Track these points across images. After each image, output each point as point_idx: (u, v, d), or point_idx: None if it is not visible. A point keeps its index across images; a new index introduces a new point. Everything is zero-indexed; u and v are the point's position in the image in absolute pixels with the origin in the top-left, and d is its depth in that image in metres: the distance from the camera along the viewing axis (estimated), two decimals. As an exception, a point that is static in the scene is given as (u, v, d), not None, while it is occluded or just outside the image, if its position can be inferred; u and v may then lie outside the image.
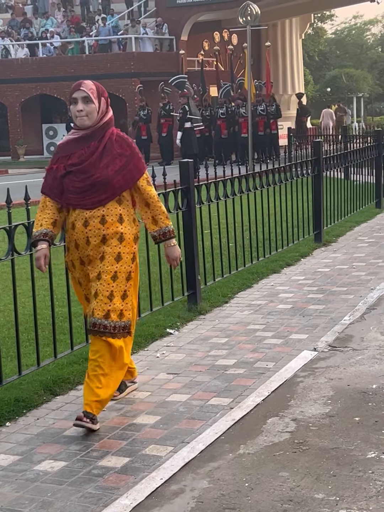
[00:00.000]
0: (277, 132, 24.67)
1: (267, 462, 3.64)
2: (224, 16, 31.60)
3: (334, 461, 3.61)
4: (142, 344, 5.79)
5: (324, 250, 9.30)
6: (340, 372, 4.81)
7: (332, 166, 10.37)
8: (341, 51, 62.03)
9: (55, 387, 4.89)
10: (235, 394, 4.68)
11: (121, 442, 4.09)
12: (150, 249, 6.21)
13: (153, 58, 29.98)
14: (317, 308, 6.59)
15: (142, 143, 25.41)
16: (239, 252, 7.99)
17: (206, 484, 3.47)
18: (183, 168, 6.56)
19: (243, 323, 6.27)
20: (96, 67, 29.47)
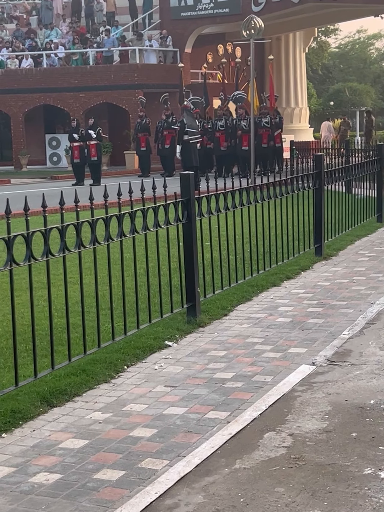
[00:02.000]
0: (281, 145, 24.70)
1: (263, 477, 3.62)
2: (228, 29, 31.73)
3: (330, 477, 3.58)
4: (140, 356, 5.77)
5: (325, 264, 9.29)
6: (338, 387, 4.79)
7: (334, 179, 10.37)
8: (344, 65, 62.19)
9: (52, 398, 4.87)
10: (233, 407, 4.66)
11: (117, 455, 4.07)
12: (150, 260, 6.20)
13: (157, 70, 30.08)
14: (317, 322, 6.58)
15: (142, 154, 25.47)
16: (239, 265, 7.98)
17: (201, 499, 3.45)
18: (183, 180, 6.56)
19: (242, 336, 6.26)
20: (99, 78, 29.59)
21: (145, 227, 6.02)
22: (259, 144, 23.42)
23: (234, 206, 7.35)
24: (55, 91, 30.03)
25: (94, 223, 5.40)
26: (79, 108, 29.97)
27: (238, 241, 7.51)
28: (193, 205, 6.55)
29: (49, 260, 5.03)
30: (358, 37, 65.92)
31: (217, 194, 7.07)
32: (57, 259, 5.34)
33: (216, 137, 24.45)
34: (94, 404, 4.85)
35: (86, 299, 5.60)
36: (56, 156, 31.19)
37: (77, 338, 5.78)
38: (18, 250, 4.77)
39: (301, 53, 38.66)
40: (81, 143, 22.86)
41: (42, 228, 4.91)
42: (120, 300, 6.19)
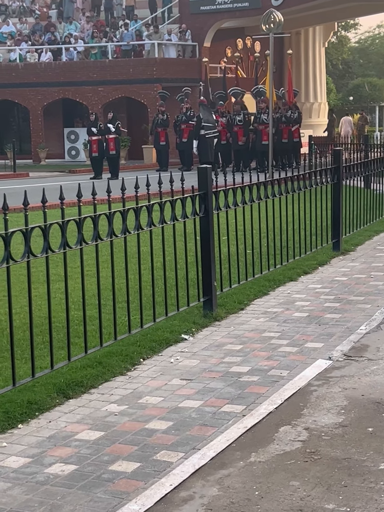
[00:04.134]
0: (299, 140, 24.61)
1: (278, 471, 3.61)
2: (247, 23, 31.62)
3: (345, 471, 3.57)
4: (156, 349, 5.78)
5: (342, 259, 9.25)
6: (355, 382, 4.78)
7: (352, 175, 10.32)
8: (364, 60, 61.81)
9: (68, 390, 4.89)
10: (248, 401, 4.65)
11: (132, 447, 4.08)
12: (166, 254, 6.20)
13: (176, 64, 30.05)
14: (334, 317, 6.55)
15: (160, 149, 25.47)
16: (256, 259, 7.96)
17: (216, 491, 3.45)
18: (201, 173, 6.55)
19: (258, 331, 6.25)
20: (118, 72, 29.61)
21: (162, 221, 6.02)
22: (279, 139, 23.35)
23: (251, 200, 7.33)
24: (74, 85, 30.09)
25: (111, 216, 5.41)
26: (97, 102, 30.01)
27: (255, 236, 7.49)
28: (210, 199, 6.54)
29: (66, 253, 5.04)
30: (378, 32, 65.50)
31: (234, 188, 7.06)
32: (74, 252, 5.35)
33: (234, 131, 24.41)
34: (110, 396, 4.87)
35: (103, 292, 5.62)
36: (75, 150, 31.26)
37: (93, 331, 5.79)
38: (36, 243, 4.78)
39: (321, 47, 38.49)
40: (99, 137, 22.89)
41: (59, 220, 4.92)
42: (136, 293, 6.19)
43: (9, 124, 33.27)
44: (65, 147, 31.53)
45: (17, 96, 31.06)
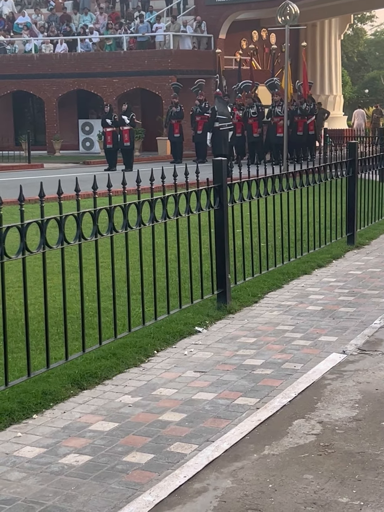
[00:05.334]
0: (314, 133, 24.52)
1: (291, 464, 3.62)
2: (263, 15, 31.49)
3: (359, 465, 3.57)
4: (170, 341, 5.79)
5: (357, 253, 9.23)
6: (369, 376, 4.77)
7: (367, 168, 10.28)
8: (380, 53, 61.44)
9: (82, 381, 4.91)
10: (262, 394, 4.66)
11: (146, 439, 4.10)
12: (181, 246, 6.21)
13: (191, 56, 29.97)
14: (348, 311, 6.54)
15: (175, 140, 25.44)
16: (270, 252, 7.95)
17: (230, 483, 3.46)
18: (216, 166, 6.54)
19: (272, 324, 6.25)
20: (133, 64, 29.58)
21: (177, 213, 6.03)
22: (294, 132, 23.27)
23: (266, 193, 7.32)
24: (89, 76, 30.10)
25: (126, 208, 5.42)
26: (112, 93, 30.01)
27: (270, 229, 7.48)
28: (225, 191, 6.53)
29: (81, 244, 5.05)
30: (394, 24, 65.05)
31: (249, 180, 7.05)
32: (89, 244, 5.36)
33: (248, 124, 24.35)
34: (124, 388, 4.88)
35: (117, 284, 5.63)
36: (89, 141, 31.28)
37: (107, 322, 5.81)
38: (51, 234, 4.80)
39: (337, 40, 38.29)
40: (114, 129, 22.89)
41: (75, 212, 4.94)
42: (151, 285, 6.21)
43: (24, 115, 33.32)
44: (80, 139, 31.56)
45: (32, 87, 31.11)
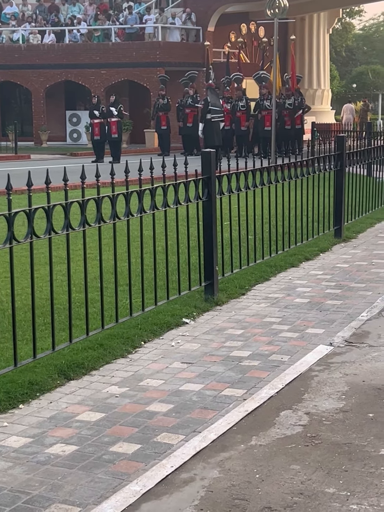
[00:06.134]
0: (302, 127, 24.54)
1: (278, 455, 3.62)
2: (252, 8, 31.46)
3: (346, 456, 3.59)
4: (158, 332, 5.79)
5: (344, 246, 9.25)
6: (356, 368, 4.78)
7: (355, 162, 10.29)
8: (368, 48, 61.56)
9: (69, 371, 4.90)
10: (249, 385, 4.66)
11: (133, 429, 4.10)
12: (169, 238, 6.19)
13: (179, 48, 29.91)
14: (335, 304, 6.56)
15: (162, 133, 25.39)
16: (258, 245, 7.96)
17: (217, 474, 3.46)
18: (205, 157, 6.53)
19: (259, 316, 6.25)
20: (121, 55, 29.48)
21: (165, 204, 6.01)
22: (282, 125, 23.28)
23: (254, 185, 7.32)
24: (77, 67, 29.99)
25: (114, 199, 5.40)
26: (100, 85, 29.91)
27: (258, 221, 7.49)
28: (213, 183, 6.52)
29: (69, 234, 5.03)
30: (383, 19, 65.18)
31: (237, 172, 7.04)
32: (76, 235, 5.35)
33: (237, 117, 24.34)
34: (111, 378, 4.88)
35: (105, 275, 5.61)
36: (76, 132, 31.18)
37: (95, 313, 5.80)
38: (38, 225, 4.77)
39: (325, 34, 38.31)
40: (101, 120, 22.83)
41: (63, 202, 4.91)
42: (138, 276, 6.20)
43: (11, 106, 33.15)
44: (67, 130, 31.45)
45: (19, 78, 30.95)
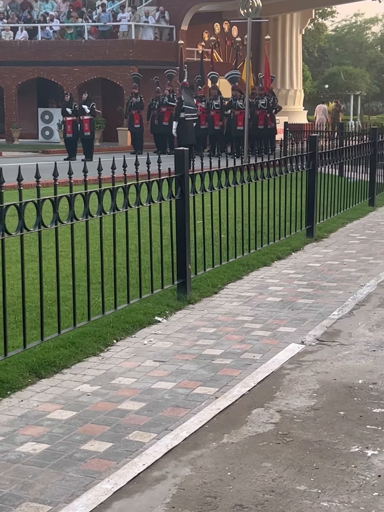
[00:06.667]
0: (274, 126, 24.63)
1: (250, 452, 3.63)
2: (225, 7, 31.51)
3: (317, 454, 3.61)
4: (130, 330, 5.78)
5: (316, 245, 9.30)
6: (327, 366, 4.81)
7: (327, 162, 10.35)
8: (340, 49, 62.00)
9: (40, 369, 4.87)
10: (221, 384, 4.67)
11: (105, 427, 4.09)
12: (141, 236, 6.18)
13: (152, 47, 29.86)
14: (306, 302, 6.59)
15: (135, 131, 25.35)
16: (230, 244, 7.96)
17: (189, 471, 3.46)
18: (178, 156, 6.53)
19: (231, 314, 6.27)
20: (94, 53, 29.37)
21: (138, 202, 6.00)
22: (255, 125, 23.34)
23: (227, 184, 7.33)
24: (49, 64, 29.81)
25: (87, 196, 5.38)
26: (72, 82, 29.76)
27: (230, 220, 7.49)
28: (187, 182, 6.52)
29: (41, 232, 5.00)
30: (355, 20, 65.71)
31: (210, 171, 7.05)
32: (48, 233, 5.31)
33: (210, 116, 24.36)
34: (82, 377, 4.86)
35: (77, 273, 5.58)
36: (49, 130, 31.00)
37: (66, 311, 5.77)
38: (9, 223, 4.74)
39: (298, 34, 38.50)
40: (74, 118, 22.72)
41: (35, 199, 4.88)
42: (110, 275, 6.17)
43: (-18, 103, 32.88)
44: (39, 127, 31.26)
45: (-9, 75, 30.70)
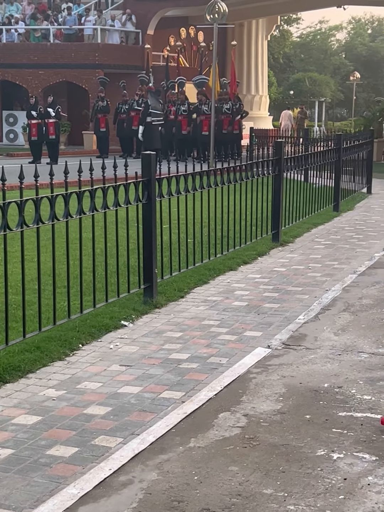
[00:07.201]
0: (239, 131, 24.71)
1: (217, 456, 3.63)
2: (191, 12, 31.58)
3: (283, 457, 3.62)
4: (96, 335, 5.75)
5: (281, 250, 9.35)
6: (293, 370, 4.84)
7: (292, 167, 10.42)
8: (305, 55, 62.50)
9: (5, 374, 4.82)
10: (188, 388, 4.67)
11: (70, 432, 4.06)
12: (108, 240, 6.16)
13: (118, 51, 29.82)
14: (272, 307, 6.62)
15: (101, 135, 25.27)
16: (197, 248, 7.97)
17: (155, 476, 3.45)
18: (145, 160, 6.52)
19: (198, 318, 6.27)
20: (60, 56, 29.22)
21: (105, 206, 5.98)
22: (220, 130, 23.39)
23: (194, 188, 7.34)
24: (14, 67, 29.58)
25: (53, 199, 5.34)
26: (37, 85, 29.57)
27: (197, 225, 7.51)
28: (153, 186, 6.52)
29: (6, 235, 4.96)
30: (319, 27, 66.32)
31: (177, 176, 7.05)
32: (12, 237, 5.27)
33: (178, 120, 24.36)
34: (48, 381, 4.82)
35: (42, 277, 5.54)
36: (13, 133, 30.75)
37: (32, 315, 5.72)
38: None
39: (263, 40, 38.74)
40: (39, 121, 22.56)
41: (0, 202, 4.84)
42: (76, 279, 6.14)
43: None
44: (3, 130, 30.99)
45: None
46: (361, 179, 15.30)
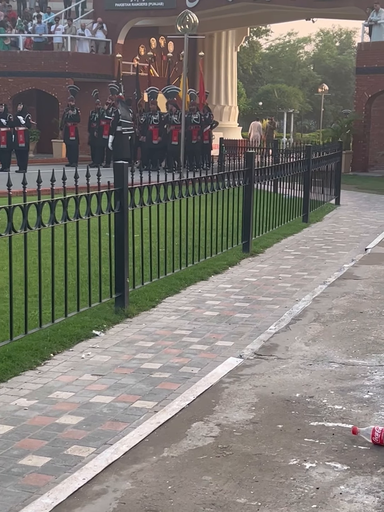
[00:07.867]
0: (209, 142, 24.78)
1: (190, 466, 3.64)
2: (162, 23, 31.67)
3: (256, 466, 3.64)
4: (67, 344, 5.73)
5: (252, 260, 9.40)
6: (265, 380, 4.87)
7: (262, 178, 10.49)
8: (274, 67, 62.96)
9: (-24, 383, 4.79)
10: (160, 397, 4.68)
11: (43, 442, 4.05)
12: (80, 249, 6.15)
13: (88, 59, 29.80)
14: (243, 317, 6.66)
15: (70, 144, 25.20)
16: (168, 258, 8.00)
17: (129, 485, 3.45)
18: (117, 169, 6.53)
19: (169, 328, 6.28)
20: (29, 64, 29.11)
21: (78, 215, 5.97)
22: (189, 140, 23.45)
23: (166, 198, 7.36)
24: (-17, 74, 29.39)
25: (26, 208, 5.32)
26: (7, 93, 29.40)
27: (168, 234, 7.53)
28: (126, 195, 6.53)
29: (-22, 243, 4.94)
30: (288, 39, 66.85)
31: (150, 185, 7.07)
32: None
33: (149, 130, 24.35)
34: (19, 391, 4.80)
35: (13, 285, 5.51)
36: (-18, 141, 30.48)
37: (2, 324, 5.70)
38: None
39: (233, 51, 38.93)
40: (8, 129, 22.45)
41: (-27, 210, 4.82)
42: (48, 287, 6.12)
43: None
44: (-28, 138, 30.71)
45: None
46: (329, 191, 15.45)
